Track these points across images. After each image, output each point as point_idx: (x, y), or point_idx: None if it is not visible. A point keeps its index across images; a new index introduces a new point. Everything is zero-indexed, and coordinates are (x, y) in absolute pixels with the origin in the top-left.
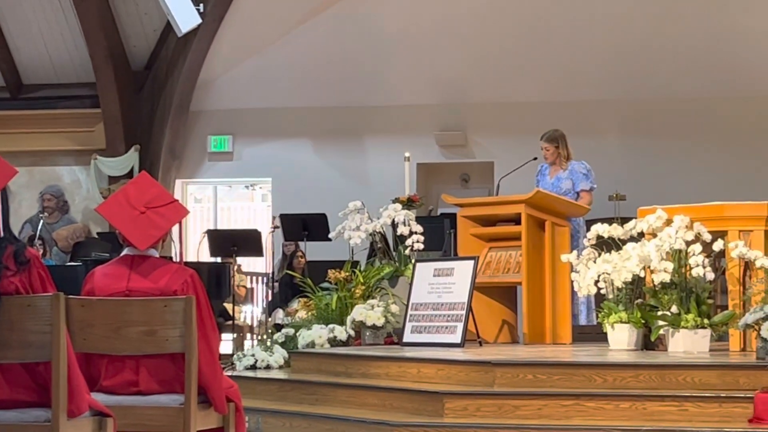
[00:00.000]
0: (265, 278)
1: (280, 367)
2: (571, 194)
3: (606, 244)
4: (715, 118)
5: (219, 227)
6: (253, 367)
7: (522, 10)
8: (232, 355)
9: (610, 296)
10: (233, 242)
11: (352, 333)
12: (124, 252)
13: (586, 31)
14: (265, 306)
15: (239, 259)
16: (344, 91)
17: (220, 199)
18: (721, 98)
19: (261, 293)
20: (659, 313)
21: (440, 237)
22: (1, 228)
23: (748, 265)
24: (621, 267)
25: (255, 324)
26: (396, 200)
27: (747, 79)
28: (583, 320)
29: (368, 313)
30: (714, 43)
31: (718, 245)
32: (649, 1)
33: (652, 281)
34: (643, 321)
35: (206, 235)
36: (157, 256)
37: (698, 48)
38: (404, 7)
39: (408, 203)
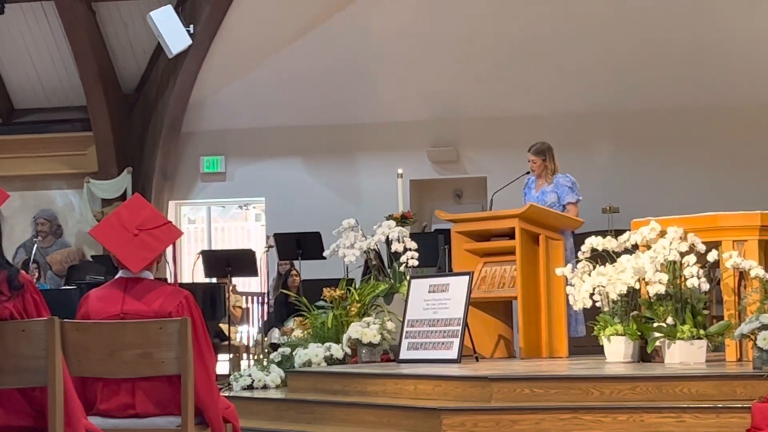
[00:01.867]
0: (260, 298)
1: (277, 387)
2: (556, 207)
3: (600, 257)
4: (708, 129)
5: (213, 248)
6: (250, 387)
7: (512, 24)
8: (228, 375)
9: (606, 309)
10: (228, 262)
11: (349, 351)
12: (119, 275)
13: (577, 44)
14: (260, 326)
15: (234, 279)
16: (335, 109)
17: (214, 220)
18: (713, 109)
19: (256, 313)
20: (655, 324)
21: (434, 253)
22: None
23: (742, 275)
24: (616, 279)
25: (251, 344)
26: (390, 217)
27: (739, 89)
28: (571, 332)
29: (364, 330)
30: (705, 53)
31: (712, 256)
32: (639, 12)
33: (648, 293)
34: (639, 333)
35: (200, 255)
36: (152, 278)
37: (689, 59)
38: (393, 23)
39: (402, 220)
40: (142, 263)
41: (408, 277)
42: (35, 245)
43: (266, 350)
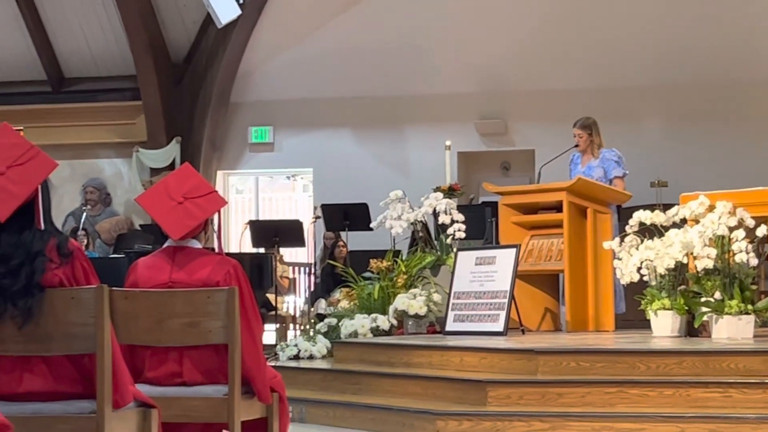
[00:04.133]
0: (307, 268)
1: (323, 357)
2: (603, 182)
3: (648, 231)
4: (758, 103)
5: (261, 218)
6: (296, 358)
7: None
8: (275, 345)
9: (653, 283)
10: (275, 233)
11: (395, 322)
12: (167, 244)
13: (627, 16)
14: (307, 296)
15: (281, 250)
16: (384, 81)
17: (262, 190)
18: (763, 82)
19: (303, 283)
20: (702, 299)
21: (482, 225)
22: (42, 220)
23: None
24: (664, 253)
25: (298, 314)
26: (437, 189)
27: None
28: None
29: (410, 302)
30: (756, 26)
31: (761, 231)
32: None
33: (695, 267)
34: (686, 308)
35: (248, 225)
36: (200, 246)
37: (740, 31)
38: None
39: (449, 192)
40: (183, 231)
41: (455, 249)
42: (84, 214)
43: (313, 321)
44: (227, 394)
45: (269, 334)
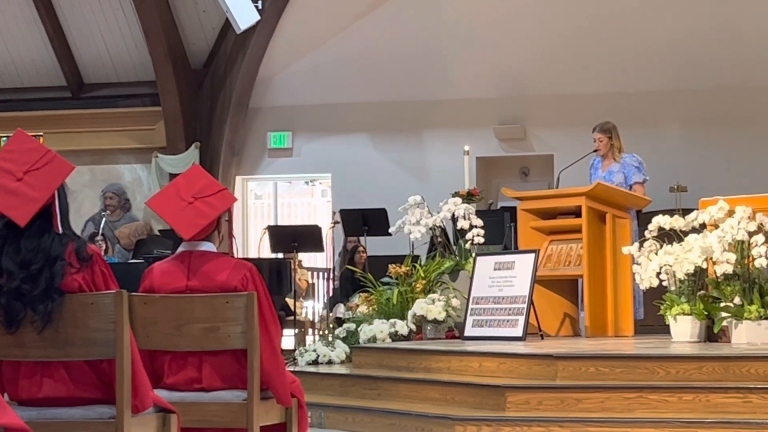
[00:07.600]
0: (326, 273)
1: (342, 362)
2: (623, 187)
3: (667, 236)
4: None
5: (279, 223)
6: (315, 363)
7: (581, 2)
8: (293, 350)
9: (672, 288)
10: (294, 238)
11: (414, 327)
12: (180, 248)
13: (646, 22)
14: (326, 301)
15: (300, 255)
16: (403, 86)
17: (280, 195)
18: None
19: (322, 288)
20: (722, 304)
21: (500, 230)
22: (60, 225)
23: None
24: (683, 259)
25: (316, 319)
26: (456, 194)
27: None
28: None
29: (429, 307)
30: None
31: None
32: None
33: (715, 272)
34: (705, 313)
35: (267, 231)
36: (215, 249)
37: (760, 37)
38: (462, 1)
39: (468, 197)
40: (194, 230)
41: (473, 255)
42: (103, 219)
43: (331, 326)
44: (246, 399)
45: (288, 339)
